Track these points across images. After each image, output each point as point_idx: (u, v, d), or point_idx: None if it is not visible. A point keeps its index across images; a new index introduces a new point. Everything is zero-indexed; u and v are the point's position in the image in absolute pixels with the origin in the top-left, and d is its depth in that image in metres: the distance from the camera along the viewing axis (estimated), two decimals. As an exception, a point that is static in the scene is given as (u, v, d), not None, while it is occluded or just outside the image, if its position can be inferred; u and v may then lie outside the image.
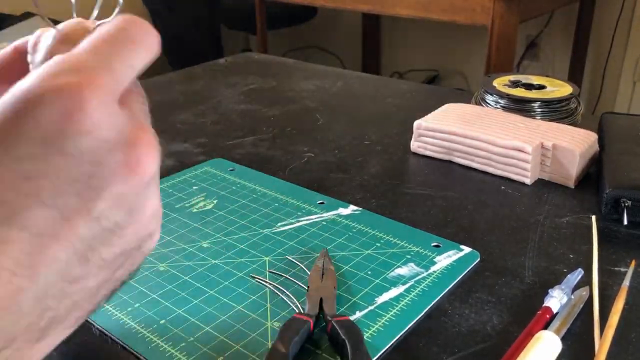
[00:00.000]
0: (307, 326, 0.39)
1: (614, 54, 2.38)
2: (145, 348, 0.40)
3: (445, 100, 0.77)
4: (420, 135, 0.69)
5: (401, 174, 0.65)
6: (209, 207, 0.58)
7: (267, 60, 1.13)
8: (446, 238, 0.52)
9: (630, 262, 0.48)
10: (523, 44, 2.59)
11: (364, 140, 0.74)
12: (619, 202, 0.53)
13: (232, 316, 0.43)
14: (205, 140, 0.75)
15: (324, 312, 0.41)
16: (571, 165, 0.60)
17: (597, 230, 0.53)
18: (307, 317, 0.40)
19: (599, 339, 0.40)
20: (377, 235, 0.52)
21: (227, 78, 1.01)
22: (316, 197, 0.59)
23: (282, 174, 0.65)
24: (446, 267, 0.48)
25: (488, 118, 0.68)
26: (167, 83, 0.98)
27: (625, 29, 2.33)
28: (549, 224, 0.55)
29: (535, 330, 0.40)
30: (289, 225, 0.54)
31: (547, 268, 0.48)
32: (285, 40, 3.18)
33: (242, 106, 0.87)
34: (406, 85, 0.98)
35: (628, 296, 0.44)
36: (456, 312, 0.43)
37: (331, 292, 0.43)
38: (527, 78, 0.77)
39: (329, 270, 0.46)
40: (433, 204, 0.59)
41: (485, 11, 1.73)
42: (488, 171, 0.65)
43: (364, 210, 0.57)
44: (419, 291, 0.45)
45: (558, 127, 0.65)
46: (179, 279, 0.47)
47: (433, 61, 2.95)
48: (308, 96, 0.91)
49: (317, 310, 0.41)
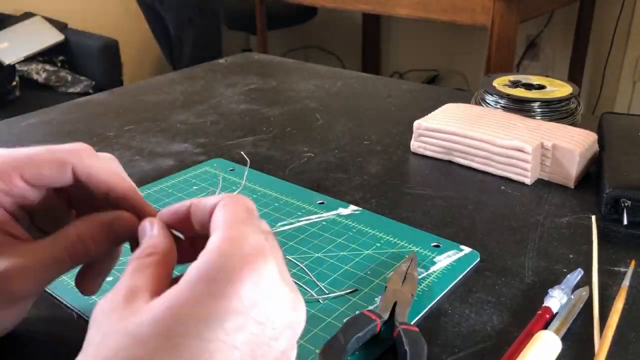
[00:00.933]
0: (374, 325, 0.39)
1: (614, 54, 2.38)
2: (145, 348, 0.40)
3: (445, 100, 0.77)
4: (420, 135, 0.69)
5: (401, 174, 0.65)
6: (209, 207, 0.58)
7: (267, 60, 1.13)
8: (446, 238, 0.52)
9: (630, 262, 0.48)
10: (523, 44, 2.59)
11: (364, 140, 0.74)
12: (619, 202, 0.53)
13: (232, 316, 0.43)
14: (205, 140, 0.75)
15: (395, 317, 0.41)
16: (571, 165, 0.60)
17: (597, 230, 0.53)
18: (376, 317, 0.39)
19: (599, 339, 0.40)
20: (377, 235, 0.52)
21: (227, 78, 1.01)
22: (316, 197, 0.59)
23: (282, 174, 0.65)
24: (446, 267, 0.48)
25: (488, 118, 0.68)
26: (167, 83, 0.99)
27: (625, 29, 2.33)
28: (549, 224, 0.55)
29: (535, 330, 0.40)
30: (289, 225, 0.54)
31: (547, 268, 0.48)
32: (285, 40, 3.18)
33: (242, 106, 0.88)
34: (406, 85, 0.98)
35: (628, 296, 0.44)
36: (456, 312, 0.43)
37: (407, 298, 0.42)
38: (527, 78, 0.77)
39: (411, 276, 0.45)
40: (433, 204, 0.59)
41: (485, 11, 1.73)
42: (488, 171, 0.65)
43: (364, 210, 0.57)
44: (419, 291, 0.45)
45: (558, 127, 0.65)
46: (179, 279, 0.47)
47: (433, 61, 2.95)
48: (308, 96, 0.91)
49: (389, 312, 0.41)
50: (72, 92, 2.41)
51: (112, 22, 2.90)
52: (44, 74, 2.41)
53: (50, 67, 2.45)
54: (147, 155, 0.70)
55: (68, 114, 0.85)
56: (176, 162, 0.69)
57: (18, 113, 0.87)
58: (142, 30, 2.97)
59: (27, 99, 2.24)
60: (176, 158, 0.70)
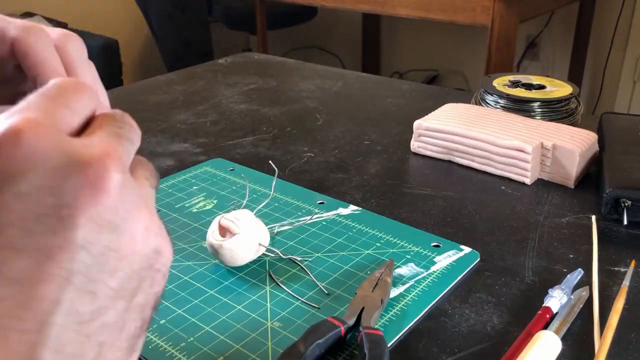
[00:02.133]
0: (337, 332, 0.39)
1: (614, 54, 2.38)
2: (145, 348, 0.40)
3: (445, 100, 0.77)
4: (420, 135, 0.69)
5: (401, 174, 0.65)
6: (209, 207, 0.58)
7: (267, 60, 1.13)
8: (446, 238, 0.52)
9: (630, 262, 0.48)
10: (523, 44, 2.59)
11: (364, 140, 0.74)
12: (619, 202, 0.53)
13: (232, 316, 0.43)
14: (205, 140, 0.75)
15: (360, 322, 0.40)
16: (571, 165, 0.60)
17: (597, 230, 0.53)
18: (339, 323, 0.39)
19: (599, 338, 0.40)
20: (377, 235, 0.52)
21: (227, 78, 1.01)
22: (316, 197, 0.59)
23: (282, 174, 0.65)
24: (446, 267, 0.48)
25: (488, 118, 0.68)
26: (167, 83, 0.98)
27: (625, 29, 2.33)
28: (549, 224, 0.55)
29: (535, 330, 0.40)
30: (289, 225, 0.54)
31: (547, 268, 0.48)
32: (285, 40, 3.18)
33: (242, 106, 0.87)
34: (406, 85, 0.98)
35: (628, 296, 0.44)
36: (456, 312, 0.43)
37: (375, 304, 0.42)
38: (527, 78, 0.77)
39: (384, 282, 0.44)
40: (433, 204, 0.59)
41: (485, 11, 1.73)
42: (488, 171, 0.65)
43: (363, 210, 0.57)
44: (419, 291, 0.45)
45: (558, 127, 0.65)
46: (179, 279, 0.47)
47: (433, 61, 2.95)
48: (308, 96, 0.91)
49: (355, 318, 0.41)
50: (72, 92, 2.41)
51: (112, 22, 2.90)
52: (44, 74, 2.41)
53: (50, 67, 2.45)
54: (147, 155, 0.70)
55: (68, 114, 0.85)
56: (176, 162, 0.69)
57: (18, 113, 0.86)
58: (142, 30, 2.97)
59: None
60: (176, 158, 0.70)
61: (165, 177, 0.64)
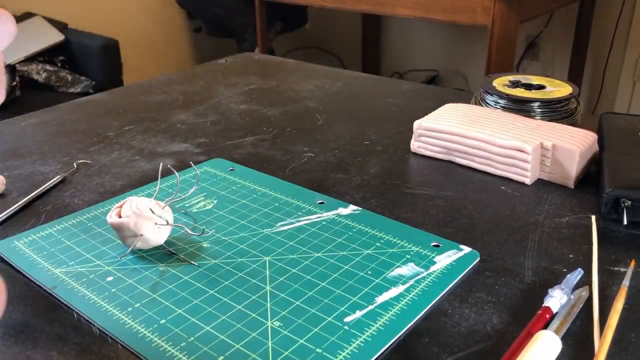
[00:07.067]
0: None
1: (614, 54, 2.38)
2: (145, 348, 0.40)
3: (445, 100, 0.77)
4: (420, 135, 0.69)
5: (401, 174, 0.65)
6: (209, 207, 0.58)
7: (267, 60, 1.13)
8: (446, 238, 0.52)
9: (630, 262, 0.48)
10: (523, 44, 2.59)
11: (364, 140, 0.74)
12: (619, 202, 0.53)
13: (232, 316, 0.43)
14: (205, 140, 0.75)
15: None
16: (571, 165, 0.60)
17: (597, 230, 0.53)
18: None
19: (599, 339, 0.40)
20: (377, 235, 0.52)
21: (227, 78, 1.01)
22: (316, 197, 0.59)
23: (282, 174, 0.65)
24: (446, 267, 0.48)
25: (488, 118, 0.68)
26: (167, 83, 0.99)
27: (625, 29, 2.33)
28: (549, 224, 0.55)
29: (535, 330, 0.40)
30: (289, 225, 0.54)
31: (547, 268, 0.48)
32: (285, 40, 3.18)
33: (242, 106, 0.88)
34: (406, 85, 0.98)
35: (627, 296, 0.44)
36: (456, 312, 0.43)
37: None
38: (527, 78, 0.77)
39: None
40: (433, 204, 0.59)
41: (485, 11, 1.73)
42: (488, 171, 0.65)
43: (363, 210, 0.57)
44: (419, 291, 0.45)
45: (558, 127, 0.65)
46: (179, 279, 0.47)
47: (433, 61, 2.95)
48: (308, 96, 0.91)
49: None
50: (72, 92, 2.41)
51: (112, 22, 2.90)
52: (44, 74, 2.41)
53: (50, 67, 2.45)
54: (147, 155, 0.70)
55: (68, 114, 0.85)
56: (176, 162, 0.69)
57: (18, 113, 0.87)
58: (142, 30, 2.97)
59: (27, 99, 2.24)
60: (176, 158, 0.70)
61: (166, 177, 0.64)
